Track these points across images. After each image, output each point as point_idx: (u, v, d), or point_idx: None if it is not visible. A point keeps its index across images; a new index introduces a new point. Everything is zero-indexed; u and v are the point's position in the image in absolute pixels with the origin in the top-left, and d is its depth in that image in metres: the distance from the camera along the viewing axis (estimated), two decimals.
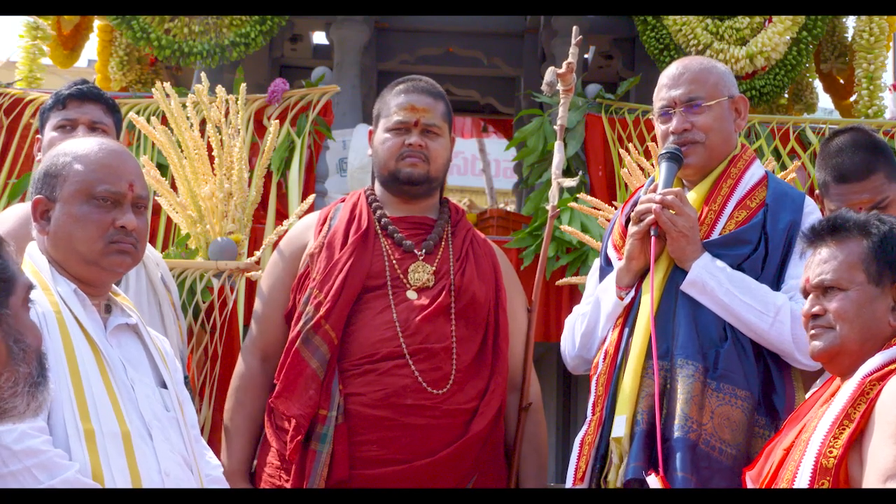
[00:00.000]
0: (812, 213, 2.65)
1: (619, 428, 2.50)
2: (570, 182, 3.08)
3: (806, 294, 2.23)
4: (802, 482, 1.99)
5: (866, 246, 2.15)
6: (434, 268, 2.84)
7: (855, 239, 2.17)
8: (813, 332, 2.19)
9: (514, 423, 2.92)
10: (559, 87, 3.10)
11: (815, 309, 2.18)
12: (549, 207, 3.12)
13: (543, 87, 3.08)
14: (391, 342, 2.71)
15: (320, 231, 2.90)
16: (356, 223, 2.87)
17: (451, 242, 2.91)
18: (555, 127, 3.21)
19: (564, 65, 3.05)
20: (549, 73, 3.07)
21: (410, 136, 2.89)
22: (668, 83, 2.77)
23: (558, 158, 3.13)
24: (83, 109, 3.08)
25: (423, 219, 2.94)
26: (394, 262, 2.82)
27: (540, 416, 2.99)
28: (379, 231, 2.87)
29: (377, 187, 2.99)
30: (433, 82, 3.04)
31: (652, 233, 2.61)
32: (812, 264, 2.21)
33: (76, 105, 3.09)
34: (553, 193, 3.11)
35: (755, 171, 2.74)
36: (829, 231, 2.21)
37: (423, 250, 2.86)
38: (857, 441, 1.99)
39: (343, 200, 3.02)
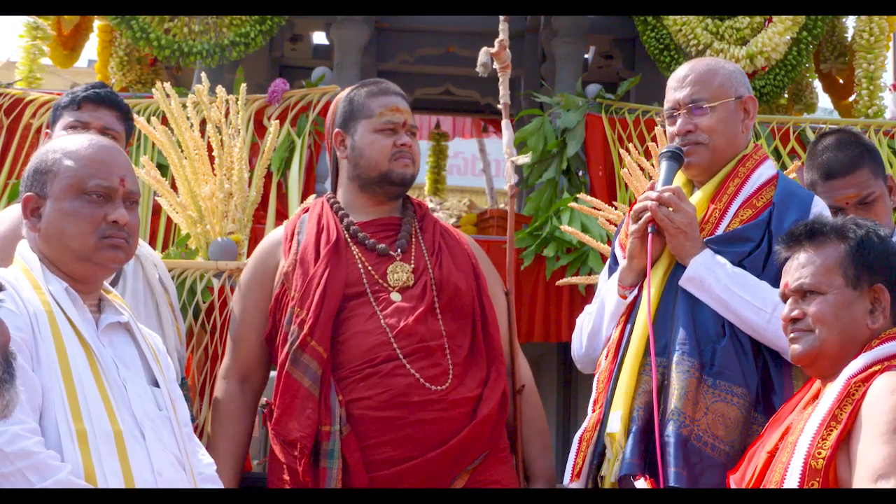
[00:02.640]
0: (819, 213, 2.65)
1: (614, 424, 2.52)
2: (525, 159, 3.11)
3: (785, 298, 2.25)
4: (792, 484, 2.01)
5: (843, 250, 2.18)
6: (412, 266, 2.83)
7: (832, 243, 2.19)
8: (792, 335, 2.23)
9: (511, 408, 2.92)
10: (495, 65, 3.12)
11: (795, 313, 2.21)
12: (507, 187, 3.14)
13: (478, 69, 3.10)
14: (386, 346, 2.70)
15: (290, 248, 2.87)
16: (325, 234, 2.84)
17: (421, 238, 2.91)
18: (498, 106, 3.22)
19: (497, 42, 3.07)
20: (483, 54, 3.09)
21: (401, 137, 2.89)
22: (674, 85, 2.79)
23: (508, 136, 3.15)
24: (97, 114, 3.09)
25: (389, 219, 2.93)
26: (369, 268, 2.81)
27: (535, 396, 3.00)
28: (349, 239, 2.85)
29: (343, 192, 2.96)
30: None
31: (649, 230, 2.62)
32: (791, 269, 2.24)
33: (91, 108, 3.09)
34: (509, 172, 3.12)
35: (764, 171, 2.74)
36: (806, 236, 2.24)
37: (399, 250, 2.85)
38: (845, 442, 2.01)
39: (306, 211, 2.99)
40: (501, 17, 3.13)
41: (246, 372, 2.90)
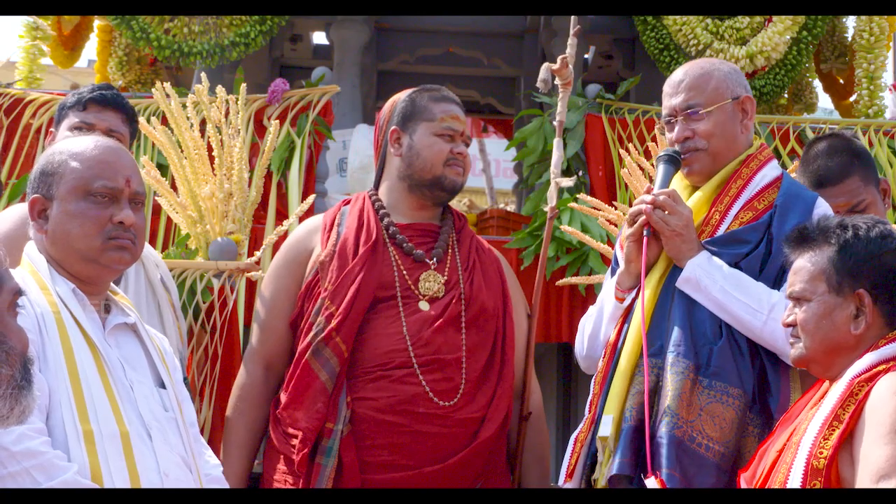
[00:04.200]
0: (823, 215, 2.64)
1: (606, 427, 2.52)
2: (569, 182, 3.08)
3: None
4: (794, 484, 2.01)
5: (827, 256, 2.17)
6: (445, 277, 2.83)
7: (820, 248, 2.20)
8: (790, 340, 2.25)
9: (516, 431, 2.92)
10: (556, 81, 3.09)
11: (790, 319, 2.23)
12: (547, 209, 3.11)
13: (539, 84, 3.06)
14: (402, 353, 2.71)
15: (328, 238, 2.87)
16: (365, 232, 2.85)
17: (457, 251, 2.91)
18: (554, 123, 3.19)
19: (559, 59, 3.04)
20: (544, 70, 3.05)
21: (458, 146, 2.91)
22: (670, 91, 2.78)
23: (557, 156, 3.11)
24: (102, 116, 3.08)
25: (428, 225, 2.92)
26: (403, 272, 2.81)
27: (541, 423, 2.99)
28: (387, 240, 2.85)
29: (388, 190, 2.96)
30: None
31: (644, 233, 2.62)
32: (790, 274, 2.25)
33: (96, 110, 3.09)
34: (552, 194, 3.10)
35: (768, 173, 2.73)
36: (797, 241, 2.24)
37: (435, 259, 2.85)
38: (847, 442, 2.01)
39: (346, 203, 2.99)
40: (572, 31, 3.10)
41: (270, 358, 2.89)
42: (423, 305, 2.78)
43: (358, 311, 2.74)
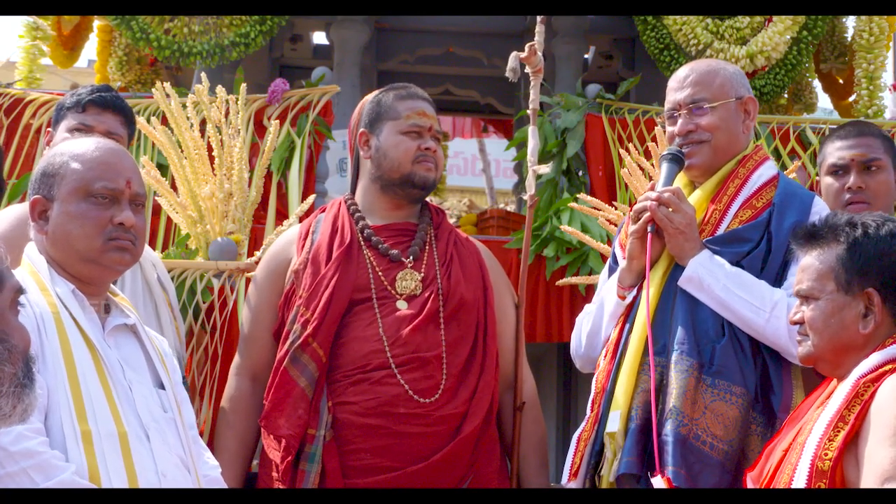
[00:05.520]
0: (819, 214, 2.65)
1: (614, 423, 2.53)
2: (546, 168, 3.09)
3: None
4: (799, 485, 2.00)
5: (836, 254, 2.16)
6: (422, 274, 2.83)
7: (829, 246, 2.19)
8: (797, 338, 2.24)
9: (510, 422, 2.91)
10: (527, 70, 3.09)
11: (797, 317, 2.22)
12: (526, 197, 3.12)
13: (507, 74, 3.06)
14: (380, 354, 2.71)
15: (303, 246, 2.88)
16: (339, 236, 2.85)
17: (435, 246, 2.90)
18: (528, 111, 3.19)
19: (527, 47, 3.05)
20: (512, 59, 3.05)
21: (426, 141, 2.89)
22: (675, 86, 2.80)
23: (533, 144, 3.11)
24: (101, 118, 3.08)
25: (405, 224, 2.92)
26: (379, 273, 2.81)
27: (537, 412, 2.98)
28: (362, 242, 2.85)
29: (363, 193, 2.96)
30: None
31: (649, 230, 2.63)
32: (798, 272, 2.24)
33: (95, 112, 3.08)
34: (530, 181, 3.11)
35: (764, 172, 2.75)
36: (807, 238, 2.23)
37: (411, 257, 2.84)
38: (853, 443, 2.00)
39: (323, 211, 2.99)
40: (539, 20, 3.10)
41: (256, 369, 2.90)
42: (401, 304, 2.78)
43: (333, 315, 2.74)
